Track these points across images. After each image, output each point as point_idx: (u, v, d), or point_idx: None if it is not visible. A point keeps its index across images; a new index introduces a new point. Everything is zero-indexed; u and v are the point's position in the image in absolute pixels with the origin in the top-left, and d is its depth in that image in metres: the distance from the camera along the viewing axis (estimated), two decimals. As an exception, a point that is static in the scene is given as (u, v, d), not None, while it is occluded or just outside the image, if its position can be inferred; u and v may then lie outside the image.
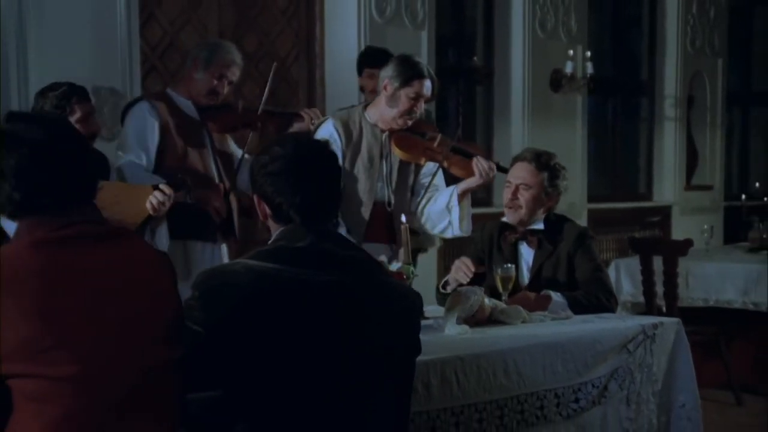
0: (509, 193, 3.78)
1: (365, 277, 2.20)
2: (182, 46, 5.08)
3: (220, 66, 4.16)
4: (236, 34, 5.28)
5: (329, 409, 2.10)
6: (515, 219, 3.77)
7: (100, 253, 1.90)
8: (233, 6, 5.36)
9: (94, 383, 1.82)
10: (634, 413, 3.32)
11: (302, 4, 5.71)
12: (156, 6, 5.01)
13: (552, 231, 3.78)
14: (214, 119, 4.21)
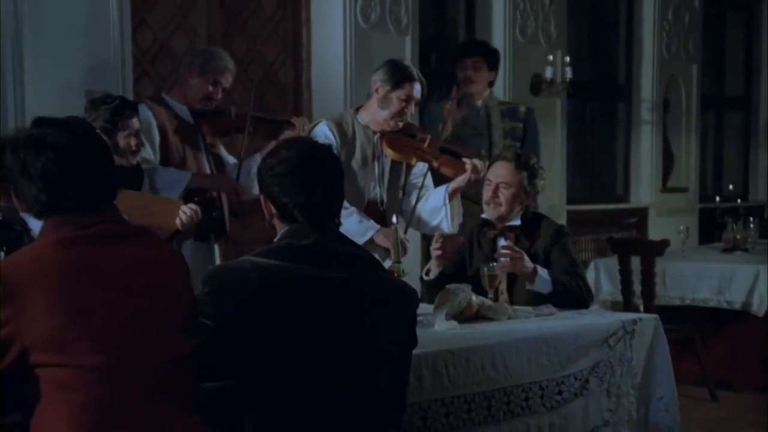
0: (490, 190, 3.88)
1: (366, 274, 2.31)
2: (173, 51, 5.13)
3: (215, 72, 4.26)
4: (225, 40, 5.31)
5: (332, 398, 2.21)
6: (495, 215, 3.87)
7: (121, 250, 2.02)
8: (222, 12, 5.39)
9: (118, 372, 1.93)
10: (614, 405, 3.40)
11: (289, 10, 5.75)
12: (147, 12, 5.05)
13: (529, 227, 3.89)
14: (208, 123, 4.31)
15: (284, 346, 2.18)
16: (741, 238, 6.22)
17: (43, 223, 2.04)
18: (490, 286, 3.62)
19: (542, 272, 3.66)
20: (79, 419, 1.89)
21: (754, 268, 5.56)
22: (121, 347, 1.94)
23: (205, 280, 2.25)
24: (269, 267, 2.22)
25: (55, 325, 1.88)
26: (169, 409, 1.99)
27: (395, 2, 6.07)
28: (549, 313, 3.55)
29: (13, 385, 1.93)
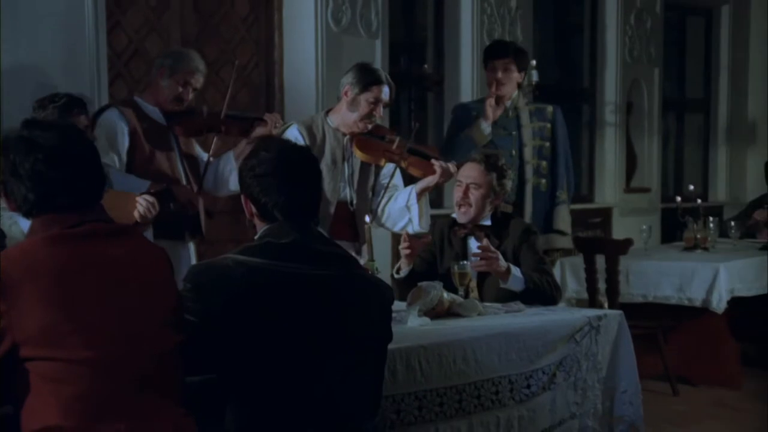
0: (460, 191, 3.93)
1: (345, 271, 2.36)
2: (147, 53, 5.14)
3: (185, 73, 4.26)
4: (198, 42, 5.33)
5: (311, 390, 2.25)
6: (465, 219, 3.92)
7: (109, 248, 2.06)
8: (196, 15, 5.41)
9: (106, 366, 1.97)
10: (580, 398, 3.45)
11: (262, 13, 5.78)
12: (121, 15, 5.06)
13: (498, 227, 3.94)
14: (180, 124, 4.31)
15: (266, 340, 2.22)
16: (701, 237, 6.26)
17: (32, 222, 2.08)
18: (461, 283, 3.68)
19: (515, 271, 3.71)
20: (69, 411, 1.93)
21: (713, 266, 5.60)
22: (109, 342, 1.98)
23: (188, 277, 2.29)
24: (251, 264, 2.27)
25: (46, 320, 1.92)
26: (157, 402, 2.03)
27: (366, 6, 6.11)
28: (518, 310, 3.60)
29: (4, 379, 1.96)
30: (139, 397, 2.00)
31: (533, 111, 5.18)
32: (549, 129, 5.14)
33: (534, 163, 5.05)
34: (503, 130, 5.03)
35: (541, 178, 5.07)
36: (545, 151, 5.10)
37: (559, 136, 5.18)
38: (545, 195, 5.16)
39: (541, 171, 5.07)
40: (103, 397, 1.96)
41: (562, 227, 5.14)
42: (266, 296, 2.24)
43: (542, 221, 5.13)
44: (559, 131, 5.19)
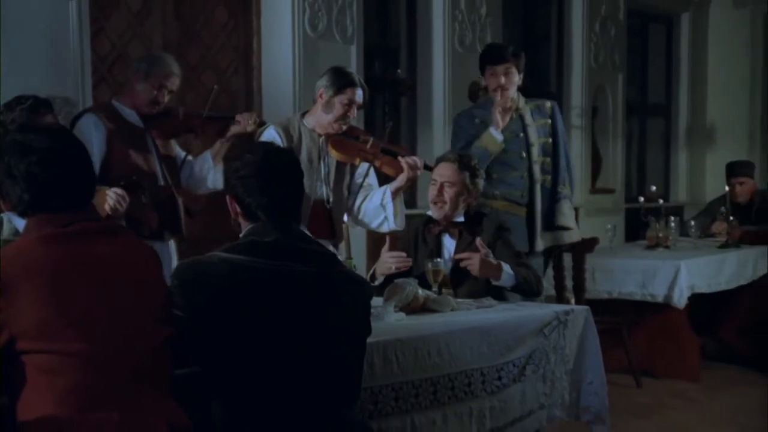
0: (435, 190, 3.97)
1: (325, 267, 2.39)
2: (129, 58, 5.14)
3: (160, 77, 4.24)
4: (180, 48, 5.34)
5: (294, 381, 2.28)
6: (440, 215, 3.96)
7: (101, 246, 2.08)
8: (177, 21, 5.42)
9: (99, 358, 1.99)
10: (548, 389, 3.48)
11: (241, 20, 5.80)
12: (105, 21, 5.07)
13: (471, 224, 3.98)
14: (156, 126, 4.31)
15: (250, 334, 2.25)
16: (663, 236, 6.31)
17: (27, 221, 2.10)
18: (435, 280, 3.71)
19: (506, 268, 3.76)
20: (63, 402, 1.95)
21: (674, 263, 5.65)
22: (101, 335, 2.01)
23: (176, 273, 2.32)
24: (236, 261, 2.30)
25: (42, 315, 1.95)
26: (148, 393, 2.06)
27: (341, 13, 6.14)
28: (489, 306, 3.64)
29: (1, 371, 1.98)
30: (131, 389, 2.03)
31: (533, 109, 5.00)
32: (549, 125, 4.99)
33: (540, 161, 4.90)
34: (509, 133, 4.87)
35: (546, 175, 4.92)
36: (548, 148, 4.94)
37: (558, 131, 5.02)
38: (550, 192, 4.96)
39: (546, 168, 4.92)
40: (96, 388, 1.98)
41: (565, 222, 4.93)
42: (251, 292, 2.27)
43: (545, 218, 4.95)
44: (558, 126, 5.02)
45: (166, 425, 2.06)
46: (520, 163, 4.81)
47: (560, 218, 4.89)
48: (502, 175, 4.80)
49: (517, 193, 4.81)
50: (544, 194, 4.88)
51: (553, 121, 4.97)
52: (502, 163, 4.79)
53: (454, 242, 3.96)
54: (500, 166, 4.79)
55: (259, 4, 5.87)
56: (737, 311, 6.36)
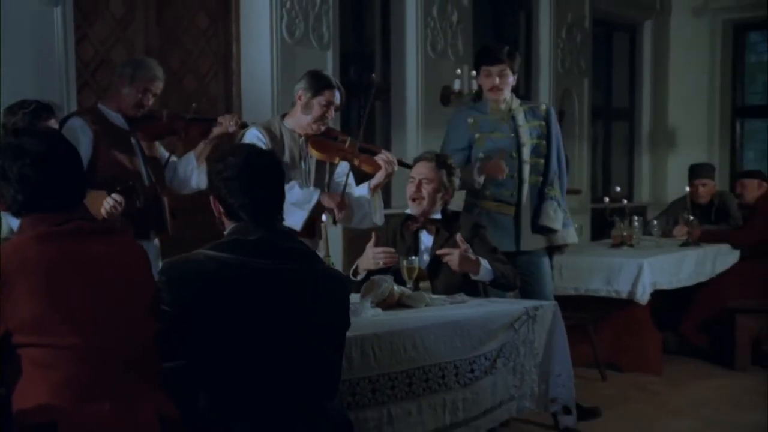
0: (413, 187, 4.03)
1: (306, 265, 2.43)
2: (112, 63, 5.14)
3: (144, 81, 4.28)
4: (161, 53, 5.33)
5: (277, 373, 2.32)
6: (419, 210, 4.01)
7: (93, 244, 2.12)
8: (159, 27, 5.41)
9: (92, 351, 2.02)
10: (518, 382, 3.54)
11: (220, 26, 5.81)
12: (88, 27, 5.06)
13: (448, 221, 4.03)
14: (141, 128, 4.34)
15: (235, 328, 2.29)
16: (627, 235, 6.36)
17: (21, 221, 2.13)
18: (410, 277, 3.76)
19: (484, 263, 3.82)
20: (57, 394, 1.98)
21: (638, 261, 5.70)
22: (94, 330, 2.04)
23: (163, 270, 2.35)
24: (221, 259, 2.33)
25: (37, 310, 1.98)
26: (138, 385, 2.09)
27: (317, 20, 6.16)
28: (462, 301, 3.69)
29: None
30: (122, 381, 2.06)
31: (527, 110, 4.90)
32: (544, 127, 4.87)
33: (532, 161, 4.81)
34: (501, 132, 4.80)
35: (539, 177, 4.83)
36: (542, 149, 4.84)
37: (552, 133, 4.90)
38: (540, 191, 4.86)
39: (539, 169, 4.83)
40: (89, 380, 2.01)
41: (548, 223, 4.80)
42: (235, 288, 2.30)
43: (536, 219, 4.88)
44: (552, 129, 4.91)
45: (156, 415, 2.09)
46: (510, 162, 4.74)
47: (544, 218, 4.80)
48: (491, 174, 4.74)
49: (506, 193, 4.76)
50: (534, 195, 4.82)
51: (548, 124, 4.88)
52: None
53: (432, 238, 4.02)
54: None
55: (238, 11, 5.88)
56: (697, 307, 6.45)
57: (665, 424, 4.96)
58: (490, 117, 4.83)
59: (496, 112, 4.82)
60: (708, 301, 6.38)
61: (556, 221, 4.83)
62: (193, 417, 2.25)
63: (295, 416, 2.32)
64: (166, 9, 5.49)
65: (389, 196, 6.86)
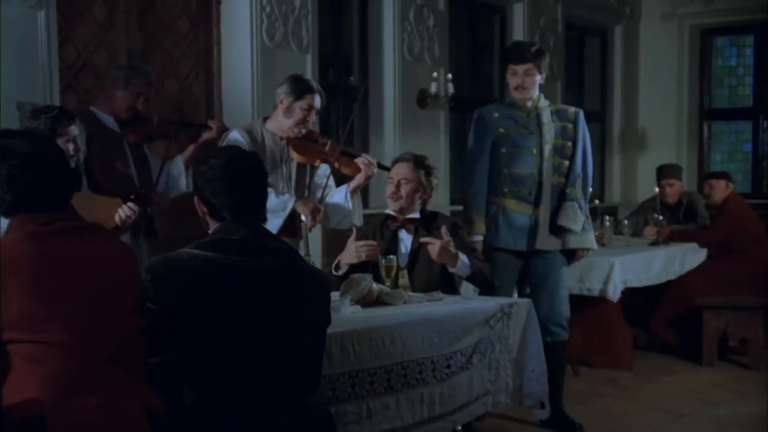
0: (392, 187, 4.08)
1: (288, 263, 2.45)
2: (95, 66, 5.15)
3: (138, 85, 4.34)
4: (143, 56, 5.33)
5: (260, 368, 2.34)
6: (397, 207, 4.06)
7: (81, 243, 2.13)
8: (140, 31, 5.41)
9: (79, 347, 2.04)
10: (494, 377, 3.57)
11: (201, 29, 5.81)
12: (71, 30, 5.05)
13: (427, 221, 4.08)
14: (133, 131, 4.38)
15: (219, 325, 2.30)
16: (598, 234, 6.29)
17: (10, 221, 2.14)
18: (388, 275, 3.80)
19: (462, 257, 3.87)
20: (45, 388, 1.99)
21: (609, 260, 5.74)
22: (81, 326, 2.05)
23: (148, 269, 2.37)
24: (205, 258, 2.35)
25: (26, 307, 1.99)
26: (125, 379, 2.11)
27: (297, 23, 6.17)
28: (438, 299, 3.72)
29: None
30: (108, 376, 2.08)
31: (554, 111, 4.77)
32: (571, 129, 4.73)
33: (555, 162, 4.68)
34: (525, 129, 4.66)
35: (561, 178, 4.68)
36: (567, 150, 4.70)
37: (579, 136, 4.75)
38: (563, 193, 4.71)
39: (562, 170, 4.68)
40: (77, 375, 2.03)
41: (566, 224, 4.63)
42: (219, 286, 2.32)
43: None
44: (579, 132, 4.75)
45: (142, 408, 2.11)
46: (531, 160, 4.64)
47: (563, 219, 4.65)
48: (513, 171, 4.66)
49: (525, 191, 4.66)
50: (555, 196, 4.69)
51: (575, 126, 4.76)
52: (514, 159, 4.67)
53: (411, 237, 4.06)
54: (512, 162, 4.67)
55: (219, 15, 5.89)
56: (666, 304, 6.51)
57: (635, 418, 5.01)
58: (515, 113, 4.72)
59: (522, 109, 4.71)
60: (677, 298, 6.44)
61: (574, 222, 4.69)
62: (178, 411, 2.27)
63: (277, 410, 2.35)
64: (147, 13, 5.49)
65: (367, 196, 6.89)
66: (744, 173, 9.77)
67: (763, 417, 5.01)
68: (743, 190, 9.08)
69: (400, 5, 7.08)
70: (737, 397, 5.45)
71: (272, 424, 2.33)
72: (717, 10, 9.45)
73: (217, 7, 5.86)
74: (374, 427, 3.05)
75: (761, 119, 9.68)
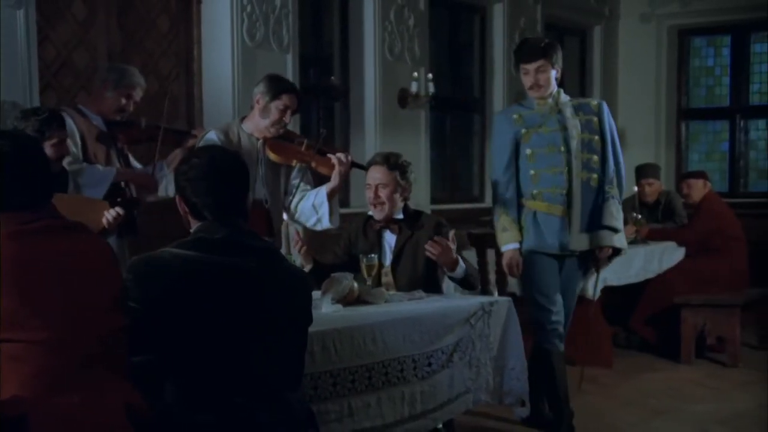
0: (371, 193, 4.06)
1: (269, 262, 2.46)
2: (74, 65, 5.14)
3: (128, 87, 4.35)
4: (123, 55, 5.32)
5: (241, 366, 2.34)
6: (381, 215, 4.05)
7: (62, 242, 2.12)
8: (120, 30, 5.40)
9: (61, 345, 2.03)
10: (474, 375, 3.59)
11: (182, 28, 5.81)
12: (50, 29, 5.04)
13: (410, 220, 4.09)
14: (122, 132, 4.39)
15: (201, 324, 2.31)
16: None
17: None
18: (368, 274, 3.81)
19: (461, 261, 3.89)
20: (27, 386, 1.99)
21: (588, 259, 5.82)
22: (63, 324, 2.04)
23: (130, 268, 2.37)
24: (185, 257, 2.35)
25: (7, 306, 1.98)
26: (107, 378, 2.10)
27: (278, 23, 6.17)
28: (419, 297, 3.75)
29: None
30: (90, 374, 2.07)
31: (577, 105, 4.54)
32: (596, 122, 4.52)
33: (583, 157, 4.46)
34: (548, 126, 4.45)
35: (591, 173, 4.47)
36: (595, 145, 4.50)
37: (606, 128, 4.55)
38: (596, 191, 4.51)
39: (591, 166, 4.47)
40: (58, 373, 2.02)
41: (612, 223, 4.48)
42: (200, 285, 2.32)
43: (588, 217, 4.51)
44: (605, 124, 4.55)
45: (123, 406, 2.10)
46: (559, 158, 4.44)
47: (608, 218, 4.48)
48: (542, 171, 4.48)
49: (557, 191, 4.45)
50: (587, 192, 4.49)
51: (600, 119, 4.55)
52: (541, 159, 4.47)
53: (395, 237, 4.07)
54: (539, 162, 4.47)
55: (199, 15, 5.88)
56: (645, 303, 6.55)
57: (615, 415, 5.04)
58: (537, 111, 4.52)
59: (543, 106, 4.50)
60: (655, 297, 6.48)
61: (618, 221, 4.54)
62: (159, 408, 2.27)
63: (258, 408, 2.35)
64: (127, 12, 5.48)
65: (348, 195, 6.90)
66: (721, 172, 9.85)
67: (739, 413, 5.05)
68: (720, 189, 9.14)
69: (380, 5, 7.10)
70: (715, 394, 5.50)
71: (254, 422, 2.33)
72: (694, 10, 9.53)
73: (198, 7, 5.86)
74: (356, 425, 3.06)
75: (738, 119, 9.76)
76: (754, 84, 9.73)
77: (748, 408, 5.18)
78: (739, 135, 9.77)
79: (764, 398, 5.35)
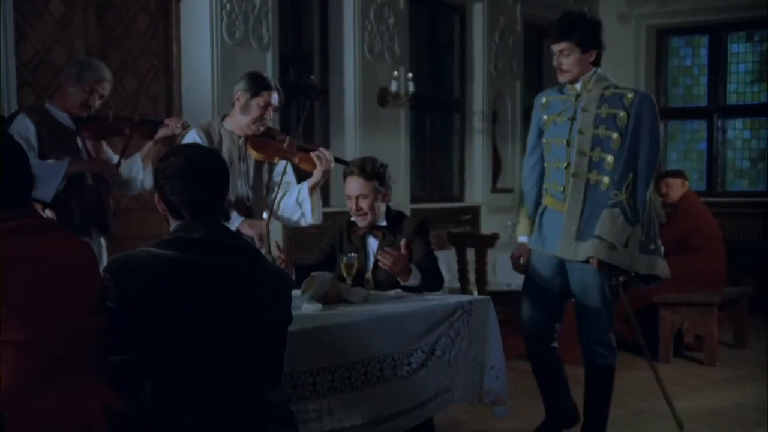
0: (352, 204, 4.05)
1: (249, 261, 2.44)
2: (53, 62, 5.11)
3: (91, 81, 4.28)
4: (102, 53, 5.30)
5: (219, 365, 2.33)
6: (365, 223, 4.06)
7: (40, 240, 2.11)
8: (99, 27, 5.38)
9: (39, 346, 2.01)
10: (454, 373, 3.58)
11: (161, 26, 5.79)
12: (28, 27, 5.01)
13: (393, 225, 4.09)
14: (87, 128, 4.34)
15: (180, 323, 2.29)
16: None
17: None
18: (348, 273, 3.81)
19: (414, 270, 3.90)
20: (4, 387, 1.97)
21: (568, 257, 5.82)
22: (41, 325, 2.03)
23: (108, 268, 2.35)
24: (164, 256, 2.34)
25: None
26: (83, 377, 2.09)
27: (257, 21, 6.16)
28: (399, 296, 3.75)
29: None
30: (68, 374, 2.05)
31: (609, 95, 3.98)
32: (623, 118, 3.91)
33: (595, 156, 3.95)
34: (563, 116, 4.03)
35: (602, 176, 3.93)
36: (612, 144, 3.91)
37: (630, 128, 3.92)
38: (605, 195, 3.94)
39: (604, 167, 3.93)
40: (36, 374, 2.00)
41: (599, 232, 3.90)
42: (179, 284, 2.31)
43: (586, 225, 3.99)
44: (632, 123, 3.91)
45: (101, 407, 2.09)
46: (563, 152, 4.02)
47: (599, 227, 3.92)
48: (551, 165, 4.11)
49: (558, 187, 4.05)
50: (593, 195, 3.98)
51: (629, 115, 3.92)
52: (553, 151, 4.10)
53: (377, 242, 4.07)
54: (551, 154, 4.10)
55: (179, 12, 5.86)
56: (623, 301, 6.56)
57: (594, 413, 5.04)
58: (562, 98, 4.11)
59: (570, 93, 4.08)
60: (634, 295, 6.50)
61: (611, 234, 3.90)
62: (138, 409, 2.26)
63: (238, 407, 2.34)
64: (105, 10, 5.45)
65: (328, 194, 6.89)
66: (699, 172, 9.92)
67: (717, 411, 5.09)
68: (698, 188, 9.20)
69: (360, 4, 7.11)
70: (693, 392, 5.54)
71: (233, 422, 2.32)
72: (672, 11, 9.59)
73: (177, 5, 5.83)
74: (335, 423, 3.05)
75: (716, 118, 9.84)
76: (731, 84, 9.81)
77: (725, 406, 5.22)
78: (717, 134, 9.85)
79: (741, 396, 5.39)
